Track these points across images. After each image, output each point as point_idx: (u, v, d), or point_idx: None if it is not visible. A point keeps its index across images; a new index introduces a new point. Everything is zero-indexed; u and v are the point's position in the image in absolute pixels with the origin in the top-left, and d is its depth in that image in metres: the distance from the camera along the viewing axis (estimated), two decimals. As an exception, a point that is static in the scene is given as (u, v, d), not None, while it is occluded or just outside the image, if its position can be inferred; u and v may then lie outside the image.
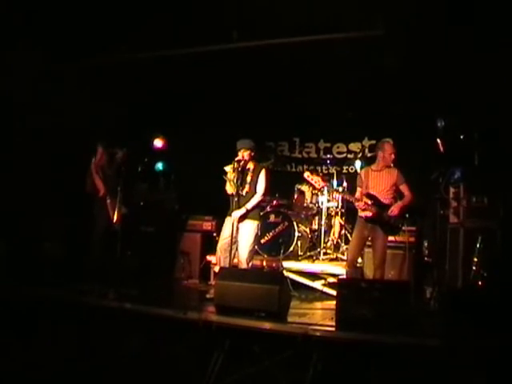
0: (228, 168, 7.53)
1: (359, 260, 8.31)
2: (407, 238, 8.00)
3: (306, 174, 7.98)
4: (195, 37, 8.25)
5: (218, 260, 7.59)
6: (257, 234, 7.66)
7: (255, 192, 7.55)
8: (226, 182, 7.59)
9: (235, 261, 7.49)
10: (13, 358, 6.05)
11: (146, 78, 9.55)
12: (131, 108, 9.81)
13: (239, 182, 7.45)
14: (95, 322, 6.49)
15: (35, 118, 8.90)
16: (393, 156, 7.62)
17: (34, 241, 8.61)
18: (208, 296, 7.46)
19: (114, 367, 5.97)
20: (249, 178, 7.56)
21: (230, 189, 7.52)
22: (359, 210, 7.54)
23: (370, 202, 7.43)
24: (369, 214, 7.38)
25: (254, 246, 7.67)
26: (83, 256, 8.51)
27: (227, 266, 7.35)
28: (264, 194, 7.68)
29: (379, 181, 7.57)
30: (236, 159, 7.49)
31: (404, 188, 7.49)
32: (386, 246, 7.49)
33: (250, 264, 7.54)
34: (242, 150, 7.53)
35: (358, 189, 7.78)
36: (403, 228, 7.55)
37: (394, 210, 7.33)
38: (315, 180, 7.81)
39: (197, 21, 8.06)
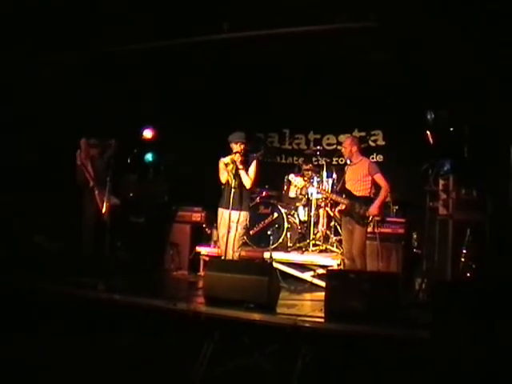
0: (227, 159, 7.54)
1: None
2: (375, 228, 8.05)
3: (291, 176, 8.52)
4: (184, 27, 8.22)
5: (222, 252, 7.69)
6: (246, 224, 7.71)
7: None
8: (218, 172, 7.65)
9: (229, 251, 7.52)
10: (6, 352, 6.05)
11: (135, 68, 9.51)
12: (120, 99, 9.78)
13: (235, 174, 7.47)
14: (85, 313, 6.48)
15: (25, 110, 8.87)
16: (352, 151, 7.89)
17: (24, 234, 8.58)
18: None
19: (104, 358, 5.97)
20: (239, 171, 7.58)
21: (225, 178, 7.54)
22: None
23: (343, 196, 7.74)
24: (342, 207, 7.74)
25: (243, 237, 7.71)
26: (74, 248, 8.50)
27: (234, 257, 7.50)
28: (254, 183, 7.72)
29: (352, 173, 7.88)
30: (235, 151, 7.52)
31: (378, 178, 7.66)
32: (364, 236, 7.65)
33: (237, 254, 7.57)
34: (238, 143, 7.55)
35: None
36: (373, 218, 7.64)
37: (372, 211, 7.53)
38: (297, 181, 8.41)
39: (187, 11, 8.03)
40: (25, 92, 8.84)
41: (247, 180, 7.55)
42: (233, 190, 7.36)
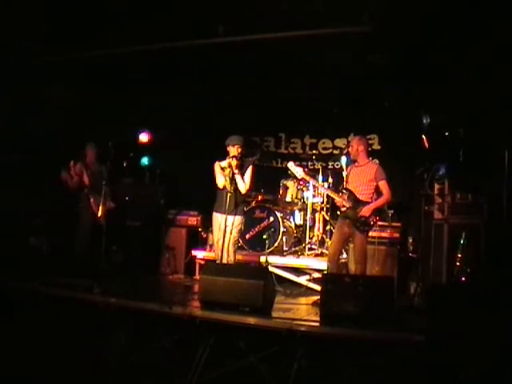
0: (224, 163, 7.53)
1: (344, 255, 8.43)
2: (378, 234, 8.05)
3: (290, 164, 8.03)
4: (181, 30, 8.23)
5: (217, 256, 7.66)
6: (240, 228, 7.71)
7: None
8: (216, 175, 7.62)
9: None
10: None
11: (131, 71, 9.52)
12: (116, 103, 9.80)
13: (231, 179, 7.46)
14: (80, 316, 6.47)
15: (19, 114, 8.87)
16: (359, 151, 7.59)
17: (19, 236, 8.57)
18: None
19: (100, 361, 5.97)
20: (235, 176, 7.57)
21: (222, 183, 7.53)
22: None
23: (345, 197, 7.47)
24: (343, 208, 7.46)
25: (237, 241, 7.75)
26: (69, 251, 8.49)
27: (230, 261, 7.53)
28: (249, 189, 7.71)
29: (357, 176, 7.56)
30: (232, 155, 7.48)
31: (382, 185, 7.35)
32: (365, 241, 7.42)
33: (233, 258, 7.57)
34: (236, 146, 7.53)
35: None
36: (375, 224, 7.48)
37: (364, 211, 7.27)
38: (297, 170, 7.85)
39: (183, 15, 8.05)
40: (22, 93, 8.85)
41: (243, 185, 7.52)
42: (229, 194, 7.35)
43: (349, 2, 7.30)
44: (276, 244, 9.08)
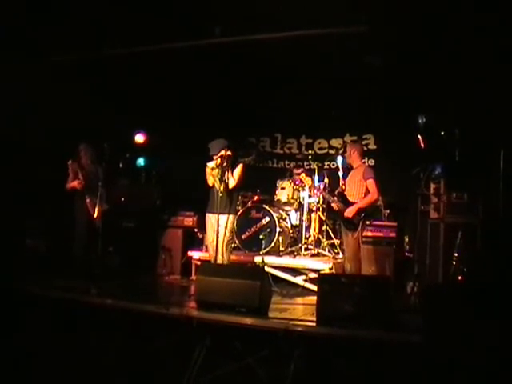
0: (212, 164, 7.54)
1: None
2: (374, 233, 8.09)
3: (302, 176, 8.48)
4: (176, 32, 8.22)
5: (211, 257, 7.69)
6: (233, 228, 7.78)
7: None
8: (207, 176, 7.64)
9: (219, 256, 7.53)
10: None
11: (127, 73, 9.51)
12: (112, 104, 9.78)
13: (221, 179, 7.47)
14: (77, 318, 6.46)
15: (15, 115, 8.84)
16: (352, 154, 8.01)
17: (16, 237, 8.55)
18: None
19: (96, 363, 5.96)
20: (226, 176, 7.58)
21: (211, 182, 7.55)
22: None
23: (336, 199, 7.87)
24: (338, 211, 7.85)
25: (231, 241, 7.78)
26: (65, 252, 8.47)
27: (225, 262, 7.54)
28: (238, 184, 7.71)
29: (350, 179, 7.99)
30: (219, 155, 7.50)
31: (369, 184, 7.69)
32: (357, 240, 7.70)
33: (226, 258, 7.58)
34: (221, 152, 7.53)
35: None
36: (359, 223, 7.67)
37: (348, 212, 7.64)
38: (306, 180, 8.40)
39: (178, 16, 8.04)
40: (22, 93, 8.83)
41: (231, 180, 7.56)
42: (220, 194, 7.36)
43: (346, 2, 7.32)
44: (272, 244, 9.06)
